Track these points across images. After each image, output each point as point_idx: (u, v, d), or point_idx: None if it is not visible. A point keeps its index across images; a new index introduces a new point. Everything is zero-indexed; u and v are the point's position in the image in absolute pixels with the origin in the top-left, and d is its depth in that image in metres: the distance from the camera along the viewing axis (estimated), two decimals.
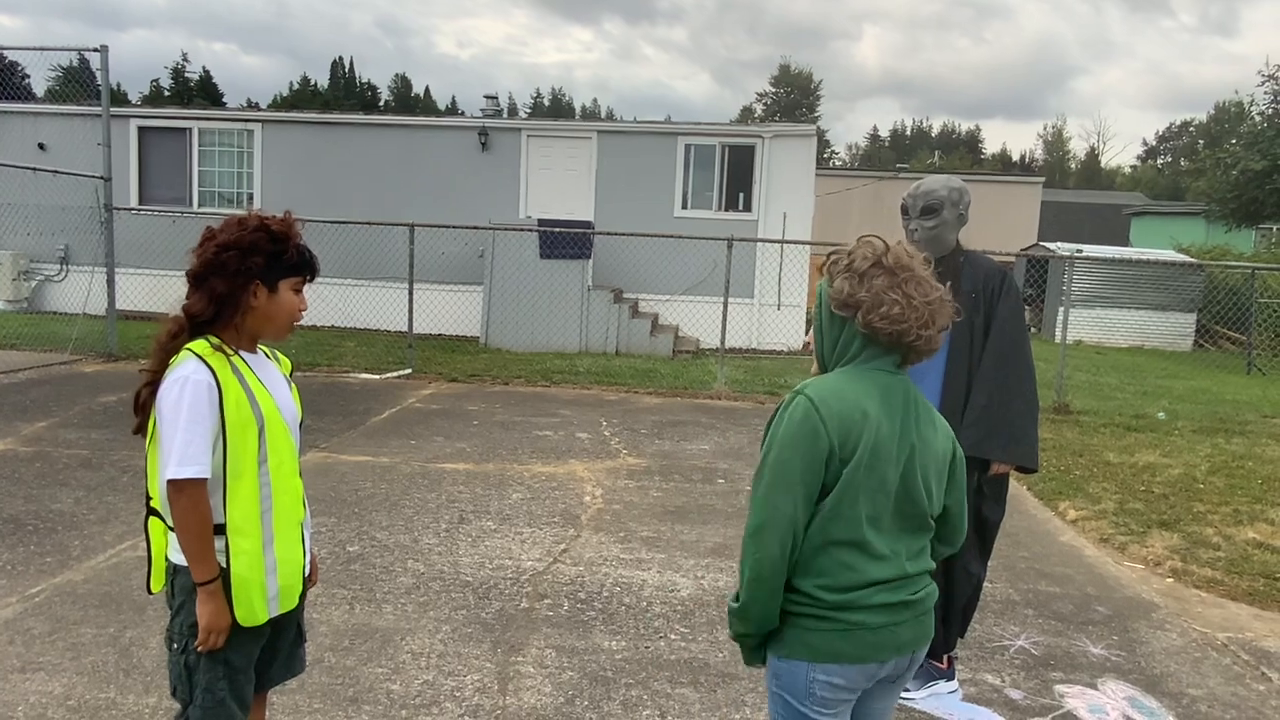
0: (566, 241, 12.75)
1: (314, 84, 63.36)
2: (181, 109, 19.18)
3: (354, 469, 6.44)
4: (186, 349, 2.10)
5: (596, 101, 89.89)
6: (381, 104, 64.05)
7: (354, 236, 12.93)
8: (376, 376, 10.49)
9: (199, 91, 49.44)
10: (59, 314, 13.11)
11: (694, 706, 3.37)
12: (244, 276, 2.12)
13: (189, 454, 2.02)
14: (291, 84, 64.14)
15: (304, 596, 2.32)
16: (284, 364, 2.38)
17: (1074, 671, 3.84)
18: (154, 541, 2.19)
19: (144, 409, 2.16)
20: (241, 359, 2.16)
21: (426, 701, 3.32)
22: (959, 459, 2.05)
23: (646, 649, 3.82)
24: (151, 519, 2.18)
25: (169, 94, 49.54)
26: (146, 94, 50.36)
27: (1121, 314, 17.63)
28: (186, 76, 53.06)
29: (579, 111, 76.35)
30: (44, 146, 14.54)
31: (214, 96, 50.11)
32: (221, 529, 2.10)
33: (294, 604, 2.25)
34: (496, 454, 7.09)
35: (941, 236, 3.46)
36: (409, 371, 10.77)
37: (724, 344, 11.07)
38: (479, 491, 6.04)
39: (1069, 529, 5.95)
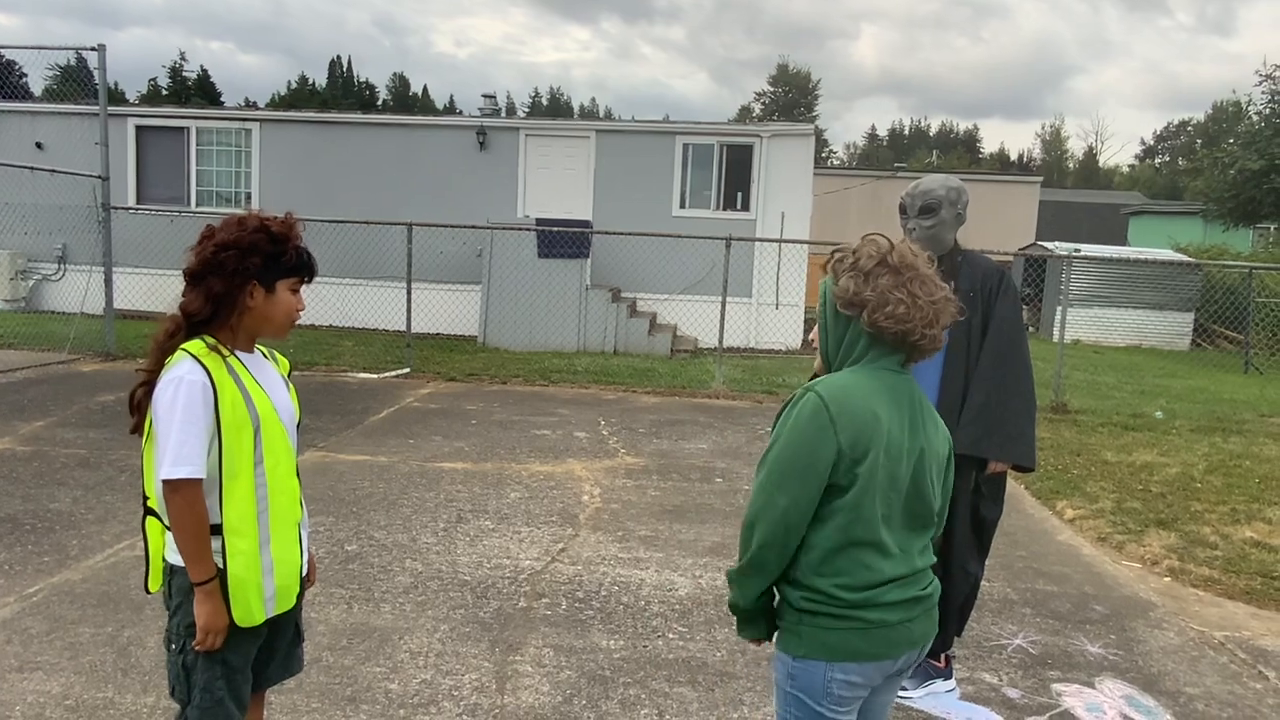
0: (565, 241, 12.75)
1: (312, 83, 63.29)
2: (179, 108, 19.18)
3: (352, 468, 6.44)
4: (182, 349, 2.09)
5: (594, 101, 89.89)
6: (379, 103, 63.99)
7: (352, 236, 12.93)
8: (374, 376, 10.48)
9: (197, 91, 49.33)
10: (57, 313, 13.10)
11: (692, 705, 3.37)
12: (241, 276, 2.11)
13: (183, 454, 2.02)
14: (289, 83, 64.13)
15: (301, 597, 2.32)
16: (282, 364, 2.37)
17: (1071, 670, 3.85)
18: (151, 541, 2.19)
19: (140, 409, 2.15)
20: (238, 359, 2.16)
21: (424, 701, 3.32)
22: (952, 457, 2.08)
23: (644, 648, 3.83)
24: (149, 519, 2.18)
25: (166, 93, 49.45)
26: (144, 93, 50.29)
27: (1119, 313, 17.64)
28: (184, 76, 52.95)
29: (577, 111, 76.31)
30: (41, 145, 14.53)
31: (212, 96, 50.01)
32: (218, 529, 2.09)
33: (291, 604, 2.24)
34: (495, 453, 7.09)
35: (939, 236, 3.47)
36: (407, 371, 10.77)
37: (722, 343, 11.08)
38: (477, 491, 6.04)
39: (1067, 528, 5.96)
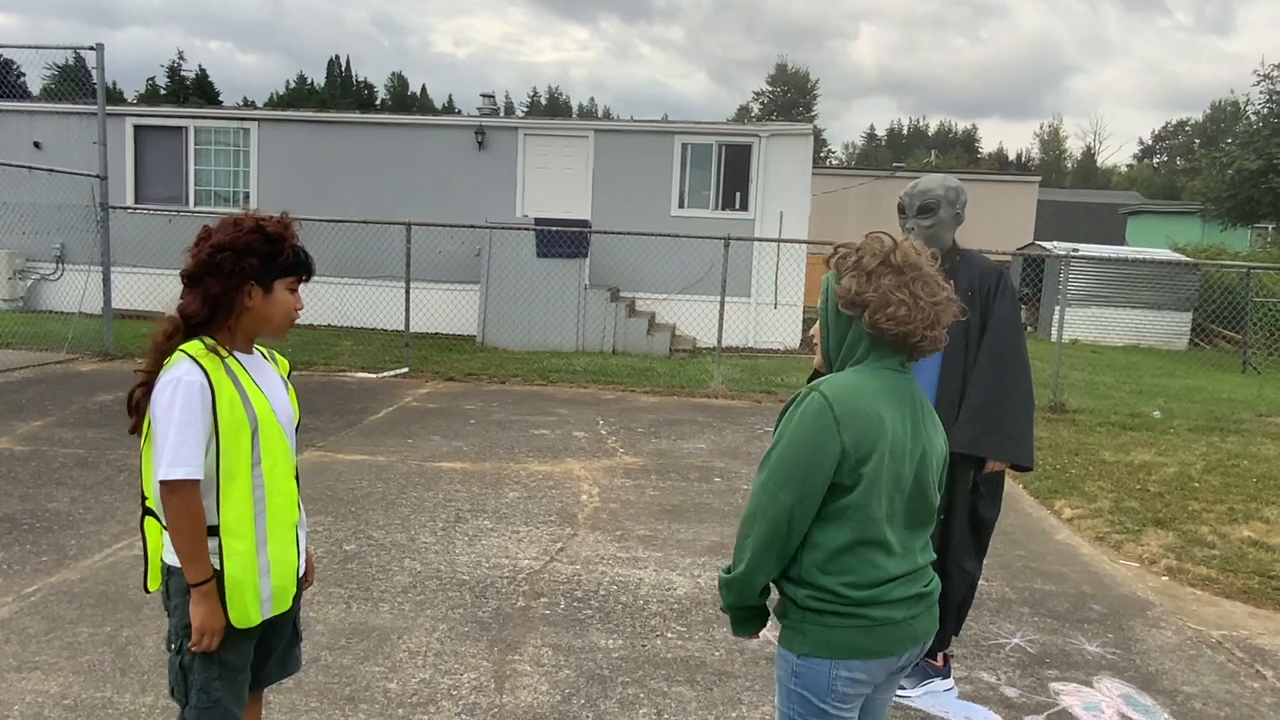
0: (563, 240, 12.76)
1: (310, 83, 63.26)
2: (177, 107, 19.16)
3: (350, 468, 6.44)
4: (180, 350, 2.09)
5: (593, 100, 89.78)
6: (378, 103, 63.94)
7: (350, 235, 12.93)
8: (373, 375, 10.48)
9: (195, 90, 49.26)
10: (55, 313, 13.09)
11: (690, 704, 3.38)
12: (238, 278, 2.11)
13: (180, 455, 2.02)
14: (288, 82, 64.09)
15: (299, 597, 2.32)
16: (282, 365, 2.37)
17: (1069, 669, 3.86)
18: (150, 541, 2.20)
19: (138, 409, 2.15)
20: (236, 360, 2.15)
21: (423, 700, 3.32)
22: (948, 456, 2.10)
23: (643, 647, 3.83)
24: (148, 519, 2.18)
25: (165, 92, 49.37)
26: (142, 92, 50.22)
27: (1117, 313, 17.66)
28: (182, 75, 52.87)
29: (576, 110, 76.28)
30: (40, 145, 14.52)
31: (210, 95, 49.96)
32: (215, 530, 2.09)
33: (288, 606, 2.24)
34: (493, 453, 7.09)
35: (938, 235, 3.47)
36: (406, 370, 10.77)
37: (720, 343, 11.09)
38: (476, 490, 6.04)
39: (1065, 527, 5.97)
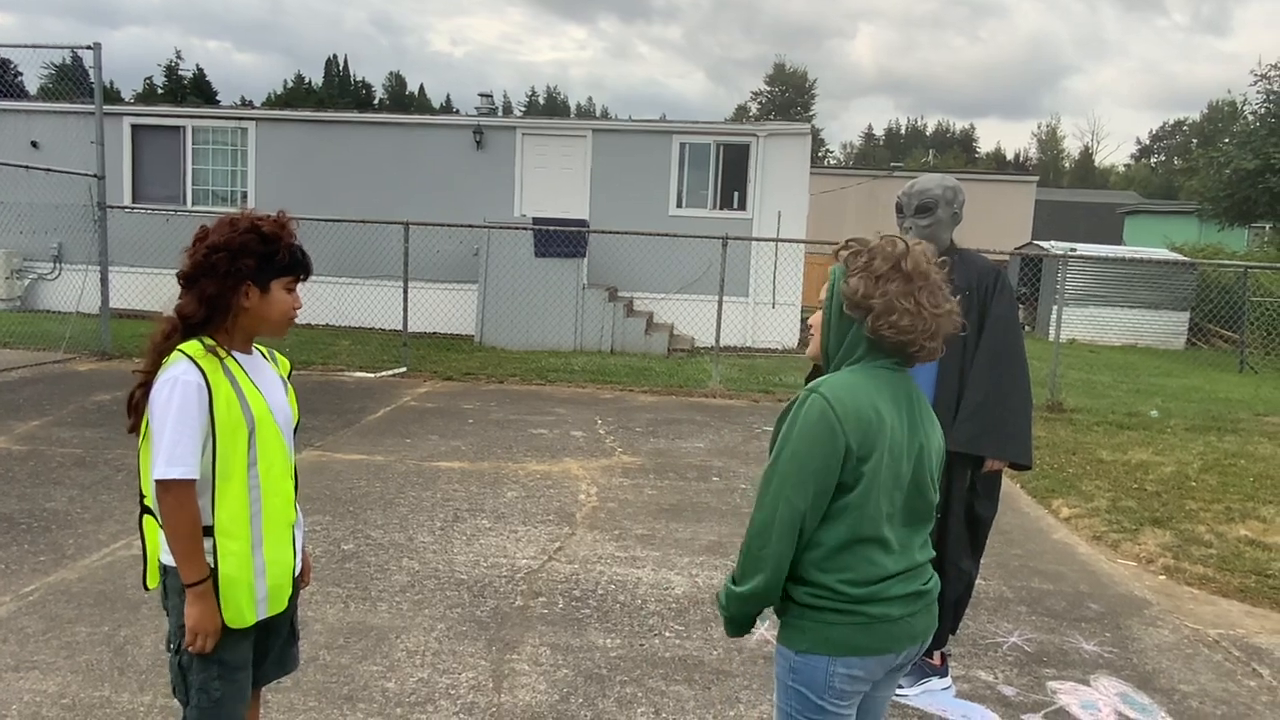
0: (561, 240, 12.76)
1: (308, 82, 63.17)
2: (175, 107, 19.14)
3: (349, 467, 6.44)
4: (178, 350, 2.09)
5: (591, 100, 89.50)
6: (376, 102, 63.86)
7: (349, 235, 12.92)
8: (371, 375, 10.48)
9: (193, 89, 49.15)
10: (52, 312, 13.07)
11: (688, 704, 3.38)
12: (234, 278, 2.10)
13: (176, 454, 2.01)
14: (286, 82, 64.07)
15: (295, 598, 2.32)
16: (283, 365, 2.37)
17: (1066, 668, 3.86)
18: (149, 540, 2.19)
19: (137, 409, 2.15)
20: (235, 360, 2.15)
21: (421, 699, 3.32)
22: (945, 454, 2.11)
23: (641, 646, 3.83)
24: (146, 517, 2.18)
25: (162, 92, 49.26)
26: (140, 92, 50.09)
27: (1115, 312, 17.68)
28: (180, 74, 52.71)
29: (574, 110, 76.23)
30: (37, 144, 14.50)
31: (208, 94, 49.87)
32: (210, 530, 2.08)
33: (284, 606, 2.23)
34: (491, 452, 7.09)
35: (936, 235, 3.48)
36: (404, 370, 10.77)
37: (719, 342, 11.10)
38: (474, 490, 6.04)
39: (1062, 526, 5.97)
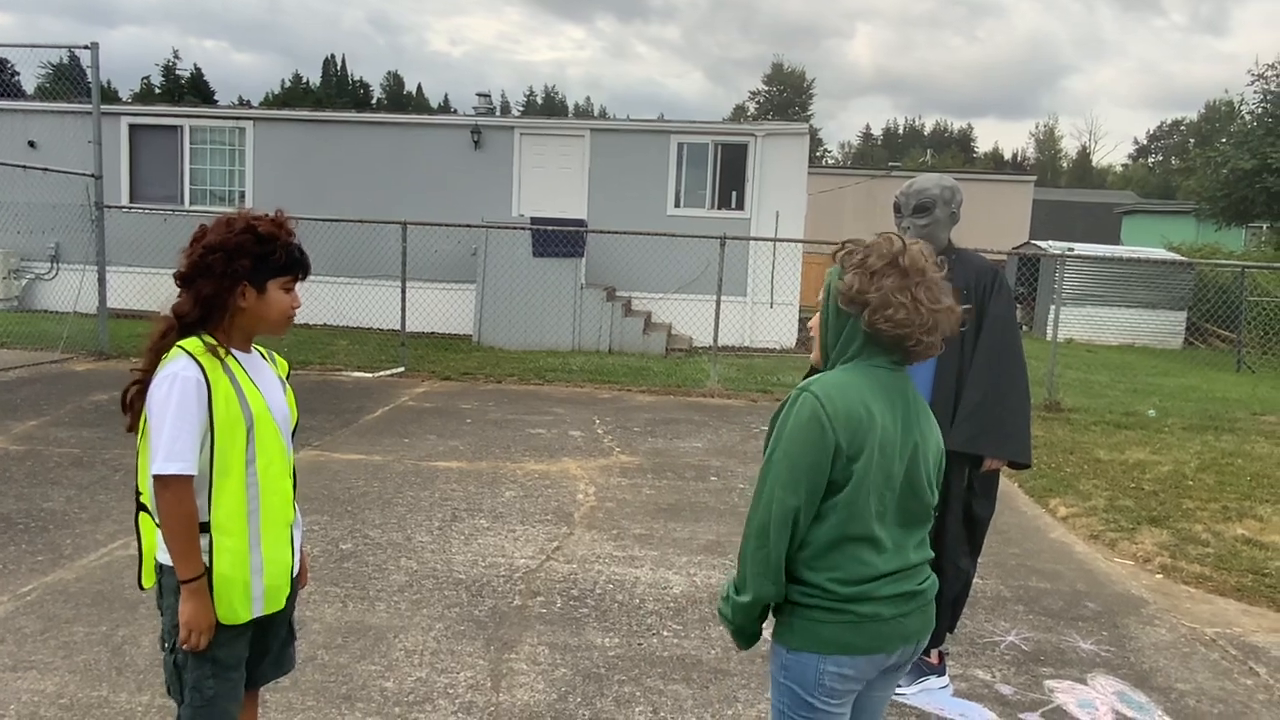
0: (559, 240, 12.76)
1: (306, 82, 63.15)
2: (173, 107, 19.13)
3: (347, 467, 6.44)
4: (178, 346, 2.09)
5: (589, 99, 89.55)
6: (374, 102, 63.84)
7: (346, 234, 12.91)
8: (369, 375, 10.47)
9: (190, 89, 49.10)
10: (50, 312, 13.06)
11: (687, 703, 3.38)
12: (230, 279, 2.10)
13: (175, 450, 2.01)
14: (283, 81, 64.05)
15: (293, 597, 2.32)
16: (281, 366, 2.37)
17: (1064, 667, 3.87)
18: (145, 538, 2.19)
19: (133, 408, 2.16)
20: (234, 358, 2.15)
21: (420, 699, 3.32)
22: (945, 454, 2.10)
23: (639, 646, 3.84)
24: (141, 514, 2.18)
25: (160, 91, 49.21)
26: (137, 91, 50.05)
27: (1112, 312, 17.71)
28: (178, 74, 52.67)
29: (572, 110, 76.22)
30: (34, 144, 14.49)
31: (205, 94, 49.79)
32: (206, 527, 2.08)
33: (280, 605, 2.23)
34: (489, 452, 7.09)
35: (934, 235, 3.48)
36: (402, 370, 10.76)
37: (716, 342, 11.10)
38: (472, 489, 6.04)
39: (1059, 526, 5.98)
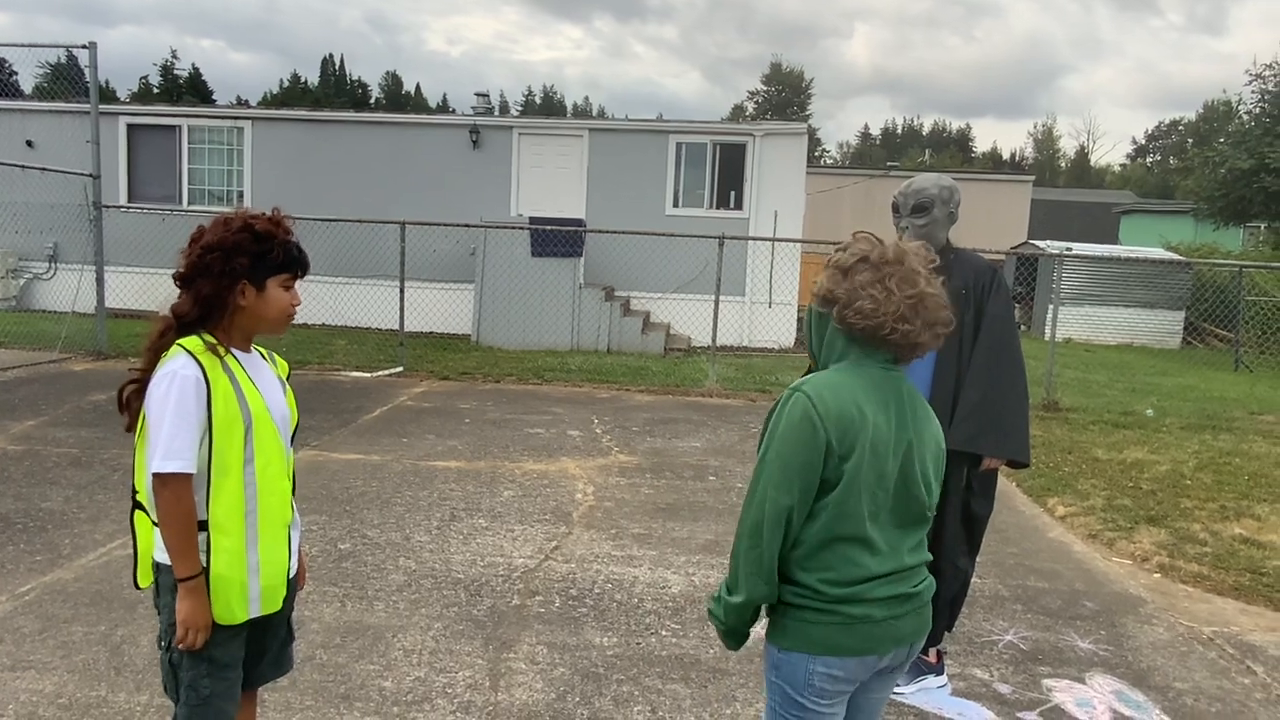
0: (558, 239, 12.75)
1: (304, 81, 63.13)
2: (171, 106, 19.11)
3: (345, 467, 6.44)
4: (178, 345, 2.09)
5: (588, 99, 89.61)
6: (372, 101, 63.83)
7: (345, 234, 12.91)
8: (368, 374, 10.47)
9: (188, 89, 49.09)
10: (48, 312, 13.05)
11: (685, 702, 3.39)
12: (229, 278, 2.10)
13: (173, 448, 2.01)
14: (281, 81, 64.03)
15: (292, 598, 2.31)
16: (281, 367, 2.37)
17: (1062, 666, 3.87)
18: (141, 537, 2.19)
19: (129, 407, 2.16)
20: (234, 358, 2.15)
21: (418, 698, 3.32)
22: (944, 455, 2.07)
23: (638, 645, 3.84)
24: (137, 513, 2.18)
25: (158, 91, 49.21)
26: (135, 91, 49.99)
27: (1110, 312, 17.73)
28: (175, 74, 52.68)
29: (570, 109, 76.26)
30: (32, 144, 14.48)
31: (203, 94, 49.78)
32: (203, 526, 2.08)
33: (278, 606, 2.22)
34: (488, 452, 7.09)
35: (932, 234, 3.49)
36: (400, 369, 10.76)
37: (715, 342, 11.10)
38: (470, 489, 6.04)
39: (1057, 525, 5.99)
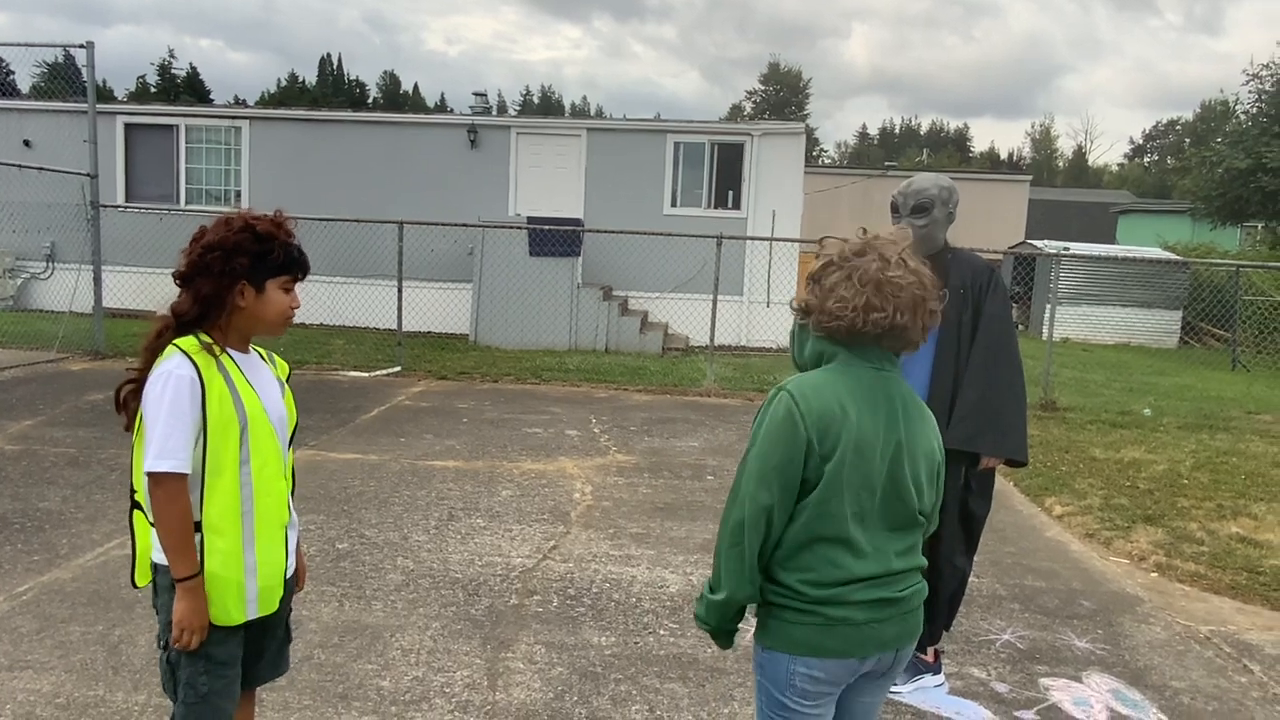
0: (556, 239, 12.75)
1: (302, 81, 63.08)
2: (168, 106, 19.09)
3: (343, 467, 6.44)
4: (173, 345, 2.09)
5: (586, 99, 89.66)
6: (370, 101, 63.79)
7: (343, 234, 12.91)
8: (366, 374, 10.47)
9: (186, 88, 49.04)
10: (45, 312, 13.03)
11: (683, 701, 3.39)
12: (229, 278, 2.11)
13: (167, 448, 2.01)
14: (279, 81, 63.93)
15: (289, 599, 2.31)
16: (281, 367, 2.36)
17: (1059, 665, 3.88)
18: (139, 537, 2.19)
19: (126, 407, 2.16)
20: (230, 358, 2.15)
21: (416, 698, 3.32)
22: (943, 456, 2.05)
23: (635, 644, 3.84)
24: (135, 513, 2.18)
25: (155, 91, 49.14)
26: (133, 90, 49.94)
27: (1108, 311, 17.75)
28: (173, 73, 52.64)
29: (568, 109, 76.28)
30: (29, 143, 14.45)
31: (201, 93, 49.75)
32: (198, 526, 2.08)
33: (274, 607, 2.22)
34: (486, 451, 7.09)
35: (932, 235, 3.49)
36: (398, 369, 10.76)
37: (713, 341, 11.11)
38: (468, 489, 6.04)
39: (1055, 524, 6.00)
